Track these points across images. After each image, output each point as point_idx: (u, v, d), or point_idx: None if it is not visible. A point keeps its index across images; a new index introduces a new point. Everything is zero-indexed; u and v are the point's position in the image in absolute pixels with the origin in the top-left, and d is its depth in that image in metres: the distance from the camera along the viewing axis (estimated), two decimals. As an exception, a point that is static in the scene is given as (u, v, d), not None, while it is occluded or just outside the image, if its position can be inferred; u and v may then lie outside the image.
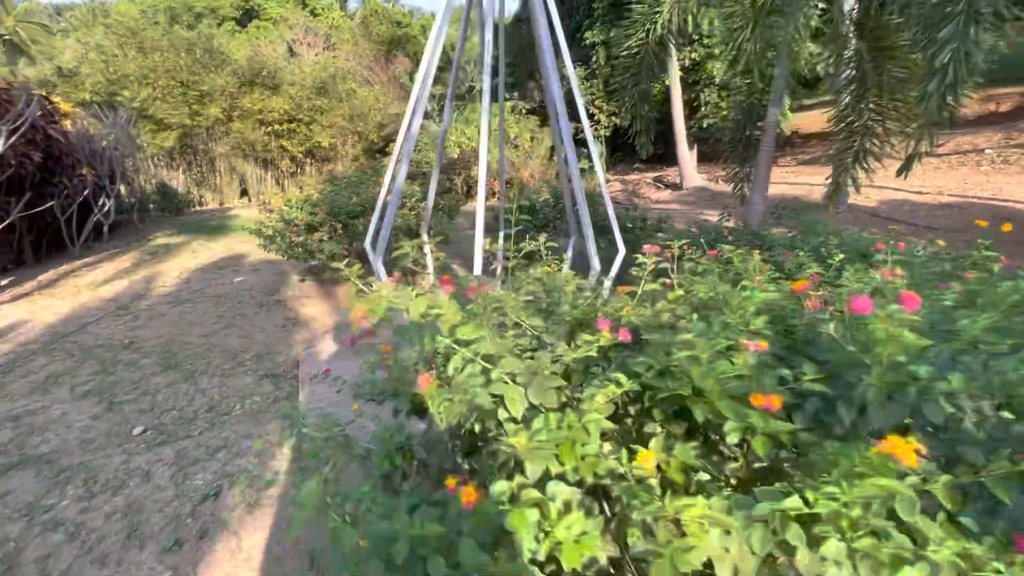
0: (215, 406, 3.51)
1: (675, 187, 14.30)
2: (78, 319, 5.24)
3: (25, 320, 5.24)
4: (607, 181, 17.56)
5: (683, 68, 15.28)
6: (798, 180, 12.83)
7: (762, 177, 5.94)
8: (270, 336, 4.83)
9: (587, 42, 16.82)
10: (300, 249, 5.28)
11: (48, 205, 7.45)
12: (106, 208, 8.84)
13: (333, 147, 17.45)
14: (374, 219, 4.13)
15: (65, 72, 12.95)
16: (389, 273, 3.70)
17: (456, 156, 14.49)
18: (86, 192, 8.47)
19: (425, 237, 4.48)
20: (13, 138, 6.23)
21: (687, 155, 13.99)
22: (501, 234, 4.85)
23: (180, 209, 13.61)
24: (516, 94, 19.44)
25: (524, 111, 15.01)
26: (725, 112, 14.73)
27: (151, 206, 13.14)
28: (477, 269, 3.08)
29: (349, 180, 6.90)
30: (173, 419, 3.34)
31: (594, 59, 16.69)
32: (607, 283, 3.32)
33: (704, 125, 15.61)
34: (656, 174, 15.85)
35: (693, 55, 15.02)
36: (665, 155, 19.43)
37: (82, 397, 3.59)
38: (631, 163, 19.76)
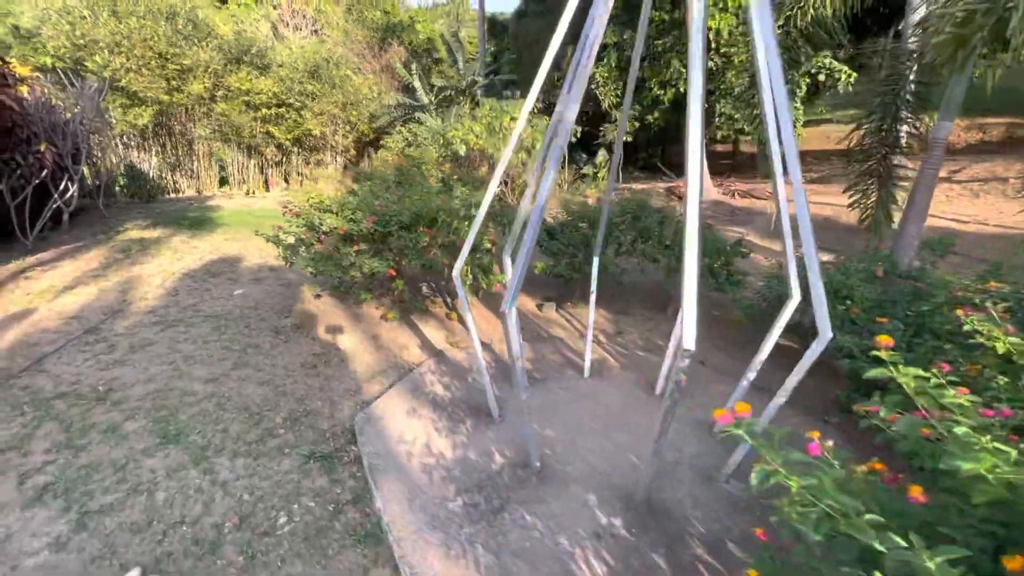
0: (247, 517, 2.29)
1: (688, 199, 13.47)
2: (30, 348, 3.84)
3: (-45, 346, 3.82)
4: (614, 190, 16.71)
5: (698, 77, 14.50)
6: (820, 200, 12.23)
7: (922, 204, 4.96)
8: (299, 381, 3.59)
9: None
10: (331, 264, 4.05)
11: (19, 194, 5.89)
12: (68, 193, 7.25)
13: (323, 136, 15.91)
14: (468, 242, 2.98)
15: (23, 32, 11.02)
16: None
17: (462, 154, 13.25)
18: (44, 173, 6.88)
19: (509, 261, 3.36)
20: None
21: (703, 167, 13.20)
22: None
23: (152, 195, 11.91)
24: (519, 92, 18.29)
25: (537, 110, 13.87)
26: (740, 124, 14.05)
27: (118, 190, 11.42)
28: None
29: (385, 178, 5.63)
30: (185, 546, 2.12)
31: (605, 61, 15.71)
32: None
33: (717, 137, 14.90)
34: (668, 184, 15.01)
35: (710, 63, 14.27)
36: (675, 165, 18.70)
37: (36, 500, 2.31)
38: (629, 171, 18.98)
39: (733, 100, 14.19)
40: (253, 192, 14.15)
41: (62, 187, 7.12)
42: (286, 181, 15.73)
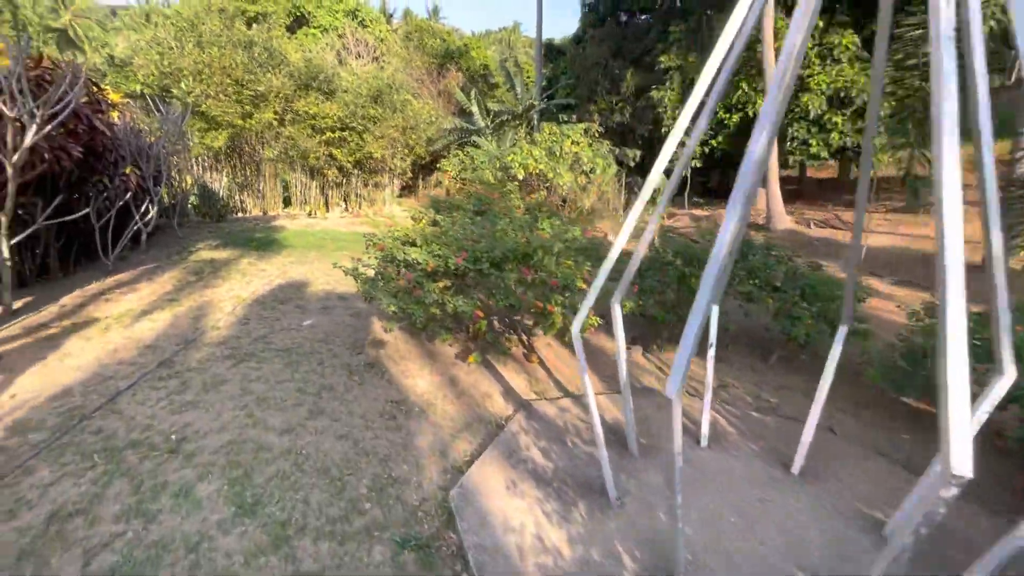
0: (338, 631, 1.88)
1: (760, 228, 12.63)
2: (105, 382, 3.64)
3: (29, 382, 3.66)
4: (670, 215, 15.97)
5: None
6: (909, 232, 11.15)
7: None
8: (379, 436, 3.20)
9: (661, 66, 15.35)
10: (413, 302, 3.69)
11: (84, 212, 5.95)
12: (149, 215, 7.33)
13: (382, 159, 16.03)
14: (591, 294, 2.52)
15: (116, 62, 11.65)
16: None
17: (520, 177, 12.97)
18: (128, 196, 6.98)
19: (617, 310, 2.86)
20: (49, 127, 4.72)
21: (777, 193, 12.36)
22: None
23: (222, 215, 12.16)
24: (575, 116, 18.00)
25: (597, 134, 13.48)
26: (815, 150, 13.17)
27: (190, 209, 11.74)
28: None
29: (462, 206, 5.29)
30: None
31: (668, 83, 15.21)
32: None
33: (789, 162, 14.05)
34: (734, 212, 14.28)
35: (782, 87, 13.51)
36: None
37: (102, 581, 1.99)
38: (689, 197, 18.22)
39: (808, 124, 13.37)
40: (314, 213, 14.33)
41: (143, 209, 7.20)
42: (345, 202, 15.93)
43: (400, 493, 2.67)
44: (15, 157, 4.48)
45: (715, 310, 3.38)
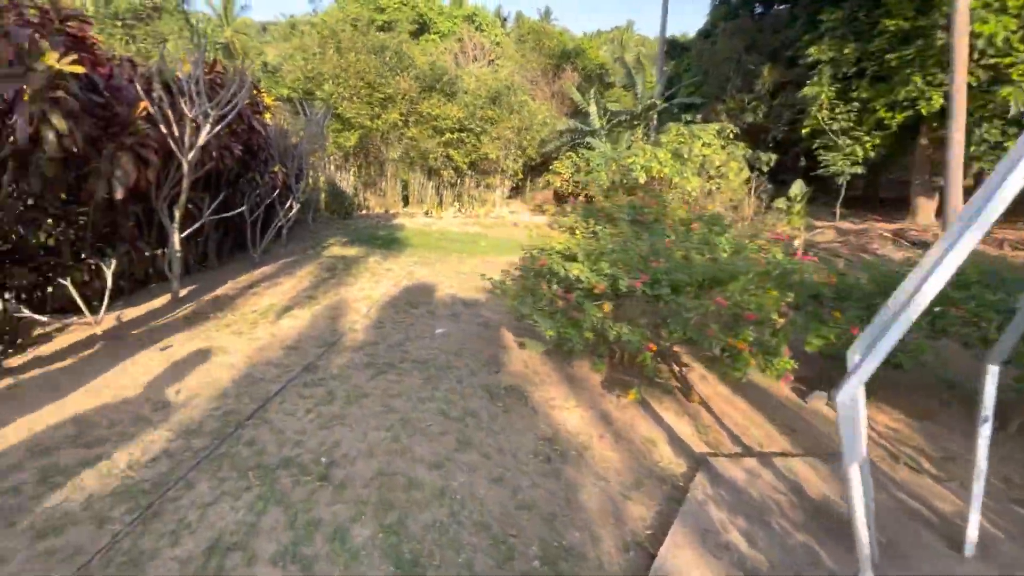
0: None
1: (925, 246, 10.60)
2: (255, 385, 3.58)
3: (192, 377, 3.70)
4: (812, 228, 14.09)
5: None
6: None
7: None
8: (536, 483, 2.74)
9: (809, 59, 13.57)
10: (571, 326, 3.21)
11: (242, 209, 6.25)
12: (293, 212, 7.66)
13: (496, 160, 15.92)
14: (891, 341, 1.82)
15: (269, 68, 12.68)
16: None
17: (641, 181, 12.10)
18: (276, 193, 7.32)
19: (855, 358, 2.09)
20: (219, 126, 4.92)
21: (961, 207, 10.25)
22: None
23: (348, 212, 12.70)
24: (700, 116, 16.63)
25: (732, 135, 12.21)
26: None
27: (321, 206, 12.40)
28: None
29: (609, 213, 4.73)
30: None
31: (816, 78, 13.40)
32: None
33: (974, 169, 11.72)
34: (895, 226, 12.16)
35: (969, 78, 11.24)
36: (890, 201, 15.49)
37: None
38: (830, 206, 16.00)
39: (1003, 124, 11.01)
40: (430, 212, 14.57)
41: (288, 205, 7.53)
42: (458, 203, 16.09)
43: (577, 571, 2.16)
44: (191, 155, 4.69)
45: (994, 371, 2.47)
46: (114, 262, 4.25)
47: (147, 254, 5.13)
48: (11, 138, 3.51)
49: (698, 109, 17.41)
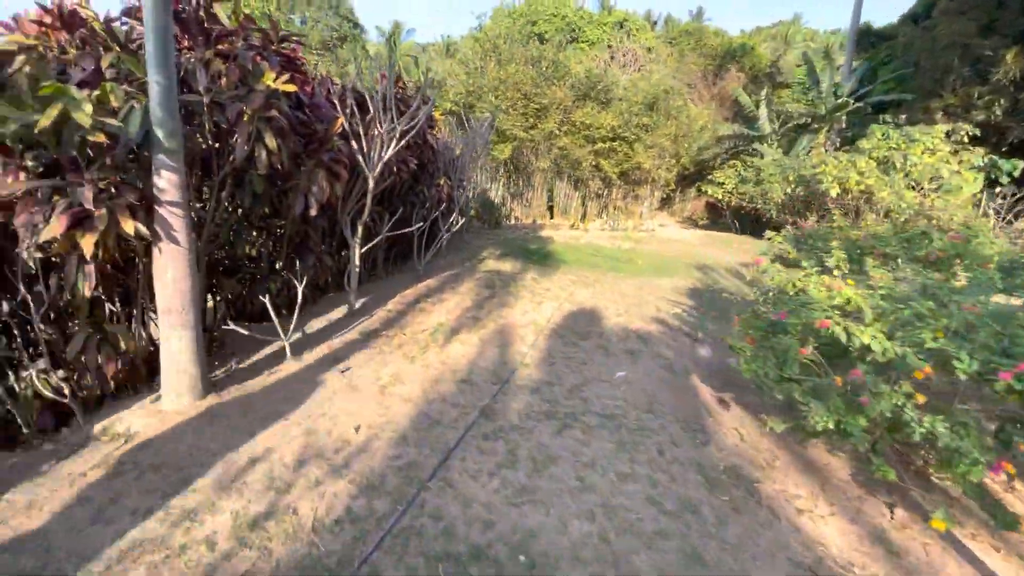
0: None
1: None
2: (433, 429, 3.19)
3: (370, 410, 3.45)
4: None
5: None
6: None
7: None
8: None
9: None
10: (849, 410, 2.25)
11: (420, 226, 6.19)
12: (458, 225, 7.56)
13: (648, 170, 14.74)
14: None
15: (435, 84, 13.22)
16: None
17: (832, 195, 10.10)
18: (442, 206, 7.25)
19: None
20: (403, 141, 4.79)
21: None
22: None
23: (497, 222, 12.60)
24: (904, 116, 13.66)
25: (966, 137, 9.65)
26: None
27: (472, 216, 12.47)
28: None
29: (885, 241, 3.54)
30: None
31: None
32: None
33: None
34: None
35: None
36: None
37: None
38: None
39: None
40: (576, 225, 13.98)
41: (452, 218, 7.44)
42: (604, 214, 15.28)
43: None
44: (377, 170, 4.60)
45: None
46: (305, 278, 4.25)
47: (330, 265, 5.20)
48: (231, 156, 3.58)
49: (899, 108, 14.36)
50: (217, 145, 3.68)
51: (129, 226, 2.67)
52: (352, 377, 3.82)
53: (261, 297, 4.04)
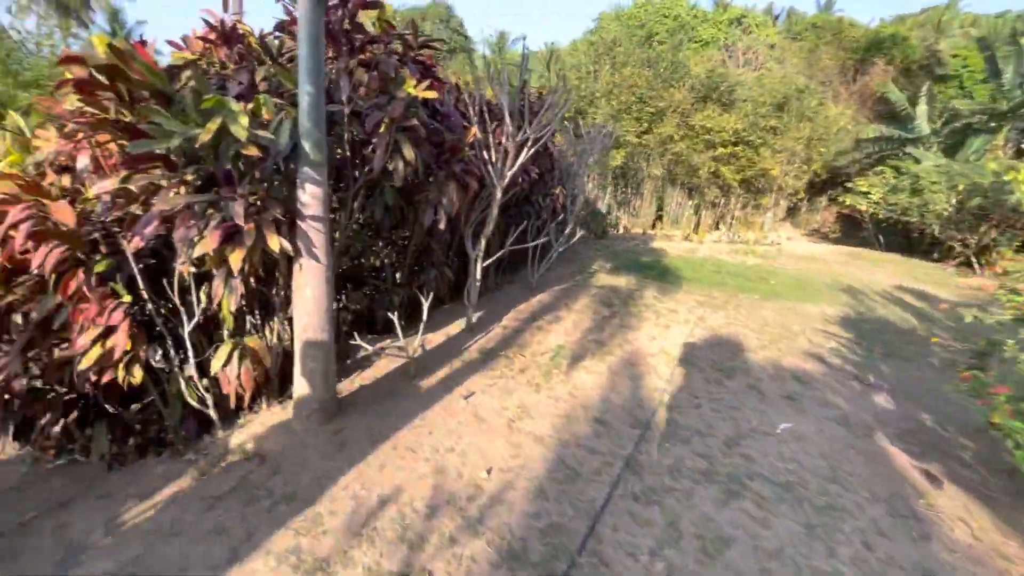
0: None
1: None
2: (574, 482, 2.75)
3: (499, 448, 3.10)
4: None
5: None
6: None
7: None
8: None
9: None
10: None
11: (546, 239, 5.87)
12: (575, 238, 7.14)
13: (775, 177, 13.24)
14: None
15: (566, 88, 13.02)
16: None
17: (1027, 210, 8.19)
18: (559, 218, 6.86)
19: None
20: (534, 148, 4.46)
21: None
22: None
23: (604, 231, 12.00)
24: None
25: None
26: None
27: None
28: None
29: None
30: None
31: None
32: None
33: None
34: None
35: None
36: None
37: None
38: None
39: None
40: (689, 236, 12.94)
41: (569, 229, 7.02)
42: (717, 227, 14.02)
43: None
44: (507, 180, 4.30)
45: None
46: (431, 293, 4.05)
47: (450, 277, 5.02)
48: (367, 167, 3.45)
49: None
50: (351, 156, 3.58)
51: (275, 242, 2.56)
52: (477, 405, 3.51)
53: (389, 314, 3.90)
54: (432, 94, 3.20)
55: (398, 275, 4.74)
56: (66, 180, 2.78)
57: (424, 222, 3.91)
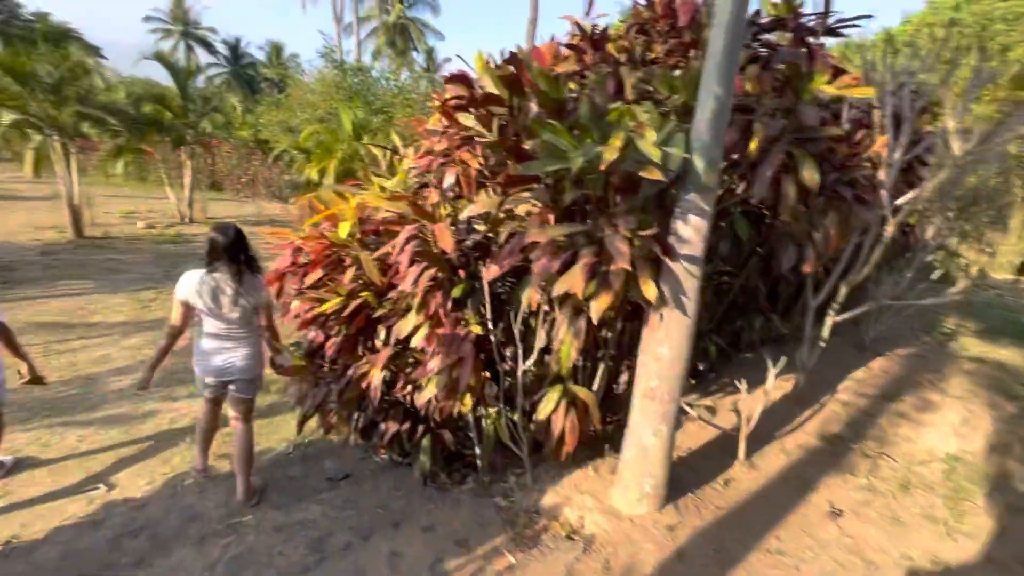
0: None
1: None
2: None
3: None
4: None
5: None
6: None
7: None
8: None
9: None
10: None
11: (938, 299, 4.34)
12: (946, 290, 5.19)
13: None
14: None
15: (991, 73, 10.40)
16: None
17: None
18: (906, 254, 4.99)
19: None
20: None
21: None
22: None
23: (949, 274, 8.84)
24: None
25: None
26: None
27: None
28: None
29: None
30: None
31: None
32: None
33: None
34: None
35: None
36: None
37: None
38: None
39: None
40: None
41: (935, 275, 5.08)
42: None
43: None
44: (902, 212, 3.03)
45: None
46: (781, 361, 3.09)
47: (777, 327, 3.95)
48: (728, 189, 2.69)
49: None
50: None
51: (651, 289, 2.00)
52: (855, 537, 2.42)
53: (698, 364, 3.10)
54: (868, 91, 2.23)
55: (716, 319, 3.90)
56: (433, 197, 2.79)
57: (782, 262, 2.96)
